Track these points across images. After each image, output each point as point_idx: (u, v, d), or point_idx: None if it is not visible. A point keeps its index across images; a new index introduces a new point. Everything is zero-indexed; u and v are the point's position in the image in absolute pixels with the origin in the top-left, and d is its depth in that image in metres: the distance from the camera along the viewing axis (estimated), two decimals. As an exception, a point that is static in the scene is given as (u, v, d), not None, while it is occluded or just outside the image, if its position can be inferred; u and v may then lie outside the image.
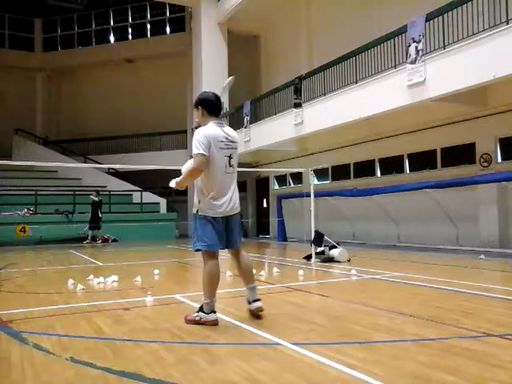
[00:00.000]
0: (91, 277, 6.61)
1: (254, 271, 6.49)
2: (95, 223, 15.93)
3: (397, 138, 12.77)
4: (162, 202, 20.16)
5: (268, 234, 19.05)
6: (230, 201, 4.00)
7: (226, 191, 3.96)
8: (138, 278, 6.53)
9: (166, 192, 21.07)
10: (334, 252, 8.64)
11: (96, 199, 15.87)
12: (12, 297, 5.59)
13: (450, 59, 8.91)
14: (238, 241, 4.16)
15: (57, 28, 26.38)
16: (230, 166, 3.96)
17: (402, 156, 12.96)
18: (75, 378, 2.70)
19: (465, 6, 8.71)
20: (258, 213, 20.42)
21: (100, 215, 15.95)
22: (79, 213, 17.11)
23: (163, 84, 23.64)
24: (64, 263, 9.75)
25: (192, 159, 3.89)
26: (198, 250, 3.94)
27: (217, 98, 4.05)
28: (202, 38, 18.42)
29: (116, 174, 21.67)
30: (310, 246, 9.13)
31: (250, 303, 4.08)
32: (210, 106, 4.00)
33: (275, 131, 14.83)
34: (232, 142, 3.96)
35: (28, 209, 16.04)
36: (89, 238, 16.01)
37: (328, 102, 12.36)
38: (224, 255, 10.28)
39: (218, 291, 5.96)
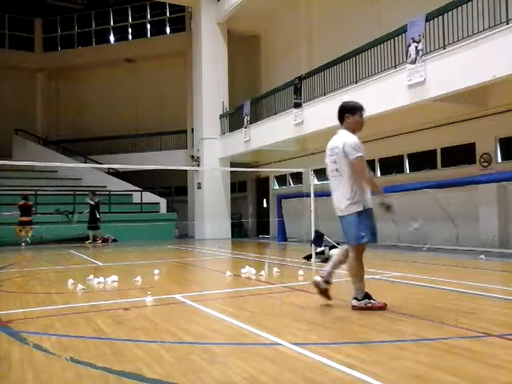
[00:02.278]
0: (91, 277, 6.60)
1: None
2: (93, 224, 15.98)
3: (397, 138, 12.77)
4: (162, 201, 20.17)
5: (268, 234, 19.04)
6: (334, 203, 4.48)
7: (332, 194, 4.49)
8: (138, 278, 6.53)
9: (166, 192, 21.09)
10: (334, 252, 8.62)
11: (92, 202, 15.89)
12: (12, 297, 5.59)
13: (450, 59, 8.91)
14: (346, 240, 4.46)
15: (57, 28, 26.37)
16: (335, 170, 4.40)
17: (402, 156, 12.96)
18: (75, 377, 2.70)
19: (465, 5, 8.71)
20: (258, 213, 20.42)
21: (98, 216, 15.96)
22: (79, 213, 17.11)
23: (163, 84, 23.64)
24: (64, 263, 9.75)
25: None
26: None
27: (338, 109, 4.48)
28: (201, 38, 18.42)
29: (116, 174, 21.67)
30: (310, 246, 9.13)
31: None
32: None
33: (275, 131, 14.82)
34: (331, 148, 4.38)
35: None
36: (90, 237, 16.08)
37: (328, 101, 12.36)
38: (223, 255, 10.31)
39: (218, 291, 5.99)
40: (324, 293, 4.52)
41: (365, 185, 4.26)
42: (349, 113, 4.38)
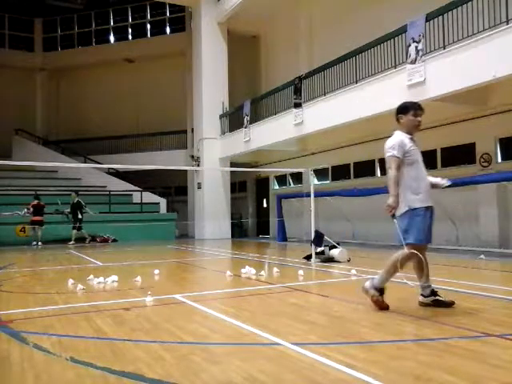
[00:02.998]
0: (91, 277, 6.60)
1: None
2: (76, 224, 15.78)
3: (397, 138, 12.75)
4: (162, 201, 20.16)
5: (268, 234, 19.05)
6: None
7: None
8: (138, 278, 6.53)
9: (166, 192, 21.09)
10: (334, 252, 8.64)
11: (75, 200, 15.83)
12: (12, 297, 5.60)
13: (450, 59, 8.92)
14: (402, 240, 4.24)
15: (57, 28, 26.37)
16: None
17: (402, 156, 12.94)
18: (75, 377, 2.70)
19: (465, 5, 8.72)
20: (258, 213, 20.43)
21: (80, 216, 15.73)
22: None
23: (163, 84, 23.64)
24: (64, 263, 9.75)
25: None
26: None
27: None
28: (201, 38, 18.42)
29: (116, 174, 21.67)
30: (309, 246, 9.13)
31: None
32: None
33: (275, 131, 14.82)
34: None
35: (28, 209, 16.03)
36: (87, 238, 15.96)
37: (328, 101, 12.36)
38: (223, 255, 10.27)
39: (218, 291, 5.99)
40: (439, 304, 4.32)
41: (388, 183, 4.25)
42: (401, 113, 4.37)
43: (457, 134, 11.19)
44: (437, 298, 4.37)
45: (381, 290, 4.29)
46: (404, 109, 4.38)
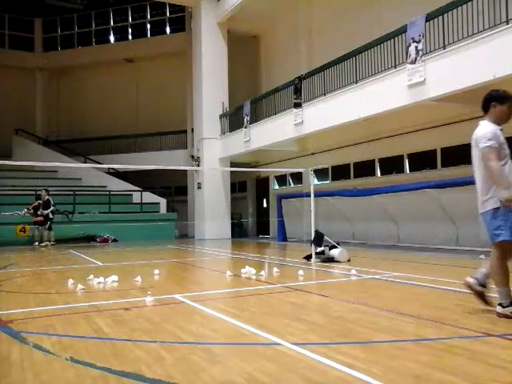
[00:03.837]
0: (91, 277, 6.61)
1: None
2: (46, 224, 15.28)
3: (397, 138, 12.77)
4: (162, 202, 20.16)
5: (268, 234, 19.04)
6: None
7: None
8: (138, 278, 6.53)
9: (166, 192, 21.08)
10: (334, 252, 8.64)
11: (45, 199, 15.25)
12: (12, 297, 5.59)
13: (450, 59, 8.92)
14: (488, 238, 4.06)
15: (57, 28, 26.37)
16: (474, 164, 4.25)
17: (402, 156, 12.96)
18: (75, 378, 2.70)
19: (465, 5, 8.72)
20: (258, 213, 20.43)
21: (51, 216, 15.21)
22: (79, 213, 17.16)
23: (163, 84, 23.64)
24: (64, 263, 9.75)
25: None
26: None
27: (484, 97, 4.24)
28: (201, 38, 18.42)
29: (116, 174, 21.67)
30: (309, 246, 9.13)
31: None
32: None
33: (275, 131, 14.83)
34: (474, 140, 4.19)
35: (28, 209, 16.04)
36: (45, 239, 15.23)
37: (328, 101, 12.37)
38: (223, 255, 10.29)
39: (218, 291, 5.99)
40: (479, 296, 4.15)
41: (491, 179, 3.97)
42: (496, 101, 4.10)
43: (457, 134, 11.17)
44: (482, 290, 4.16)
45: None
46: (502, 98, 4.09)
